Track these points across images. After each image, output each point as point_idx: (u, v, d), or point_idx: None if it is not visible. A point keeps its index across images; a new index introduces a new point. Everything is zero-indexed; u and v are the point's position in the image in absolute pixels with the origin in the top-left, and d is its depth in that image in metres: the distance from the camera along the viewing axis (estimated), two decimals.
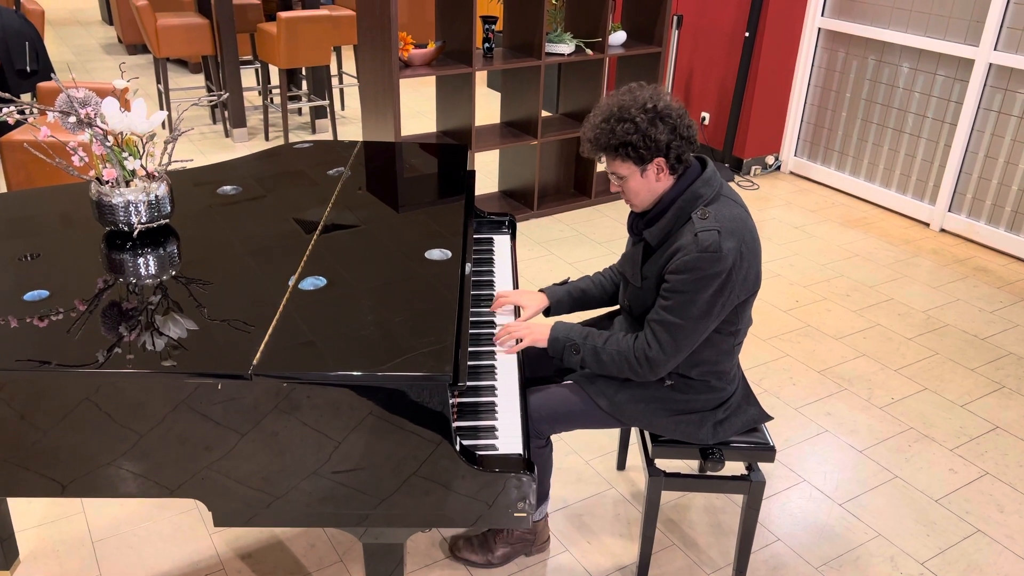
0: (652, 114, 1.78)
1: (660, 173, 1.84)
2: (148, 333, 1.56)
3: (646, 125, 1.77)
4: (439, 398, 1.49)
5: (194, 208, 2.13)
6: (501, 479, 1.56)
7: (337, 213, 2.13)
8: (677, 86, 5.69)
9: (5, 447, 1.52)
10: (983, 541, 2.45)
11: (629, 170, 1.84)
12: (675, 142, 1.80)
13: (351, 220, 2.10)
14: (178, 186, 2.26)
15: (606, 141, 1.81)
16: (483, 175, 5.20)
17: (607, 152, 1.83)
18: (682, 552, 2.37)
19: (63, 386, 1.47)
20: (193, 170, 2.39)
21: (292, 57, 5.33)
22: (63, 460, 1.54)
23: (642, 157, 1.80)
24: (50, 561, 2.26)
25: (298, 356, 1.52)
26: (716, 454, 2.02)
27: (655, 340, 1.86)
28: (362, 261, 1.89)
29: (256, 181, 2.34)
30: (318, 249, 1.92)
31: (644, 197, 1.88)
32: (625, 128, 1.78)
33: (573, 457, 2.73)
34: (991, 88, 4.28)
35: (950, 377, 3.25)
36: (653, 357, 1.87)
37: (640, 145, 1.78)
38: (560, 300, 2.19)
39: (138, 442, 1.52)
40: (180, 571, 2.25)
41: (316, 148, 2.65)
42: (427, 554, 2.32)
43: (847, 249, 4.36)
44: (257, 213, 2.12)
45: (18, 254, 1.85)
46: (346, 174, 2.40)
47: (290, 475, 1.55)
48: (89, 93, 1.81)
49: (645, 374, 1.91)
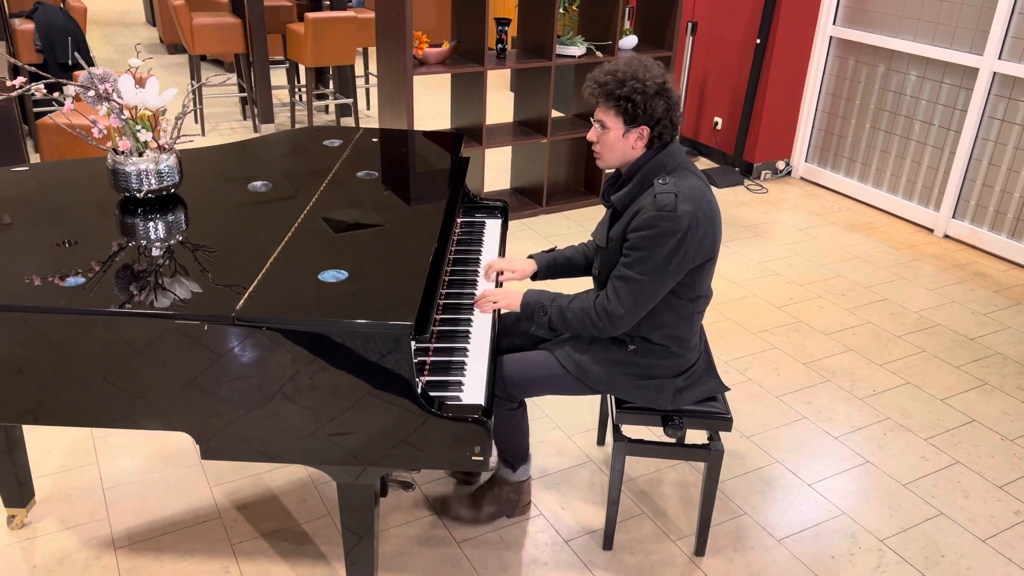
0: (660, 87, 1.97)
1: (639, 141, 2.01)
2: (153, 285, 1.74)
3: (652, 93, 1.95)
4: (403, 345, 1.65)
5: (206, 183, 2.32)
6: (458, 424, 1.71)
7: (333, 187, 2.31)
8: (691, 91, 5.81)
9: (33, 381, 1.72)
10: (944, 523, 2.54)
11: (616, 125, 2.01)
12: (665, 120, 1.98)
13: (345, 192, 2.27)
14: (196, 164, 2.46)
15: (612, 88, 1.98)
16: (496, 173, 5.37)
17: (608, 98, 1.99)
18: (651, 520, 2.50)
19: (82, 327, 1.66)
20: (209, 149, 2.58)
21: (318, 56, 5.55)
22: (77, 392, 1.73)
23: (634, 117, 1.97)
24: (63, 504, 2.46)
25: (277, 305, 1.69)
26: (676, 421, 2.15)
27: (615, 295, 2.01)
28: (349, 224, 2.05)
29: (265, 158, 2.52)
30: (311, 215, 2.10)
31: (615, 156, 2.05)
32: (633, 86, 1.95)
33: (556, 432, 2.87)
34: (995, 96, 4.35)
35: (934, 373, 3.33)
36: (612, 311, 2.01)
37: (640, 106, 1.95)
38: (546, 265, 2.38)
39: (138, 377, 1.70)
40: (180, 518, 2.43)
41: (322, 132, 2.83)
42: (410, 512, 2.47)
43: (848, 252, 4.45)
44: (261, 186, 2.31)
45: (49, 217, 2.05)
46: (345, 153, 2.58)
47: (269, 414, 1.72)
48: (108, 71, 2.00)
49: (605, 328, 2.05)
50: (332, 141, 2.74)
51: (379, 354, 1.66)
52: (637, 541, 2.41)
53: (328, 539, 2.36)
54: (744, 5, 5.28)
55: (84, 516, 2.42)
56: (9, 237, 1.93)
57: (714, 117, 5.68)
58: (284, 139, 2.76)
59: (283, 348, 1.66)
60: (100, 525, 2.39)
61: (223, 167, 2.45)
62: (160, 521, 2.41)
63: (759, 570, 2.33)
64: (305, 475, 2.61)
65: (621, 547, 2.39)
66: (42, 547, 2.30)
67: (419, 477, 2.62)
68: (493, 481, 2.42)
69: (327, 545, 2.34)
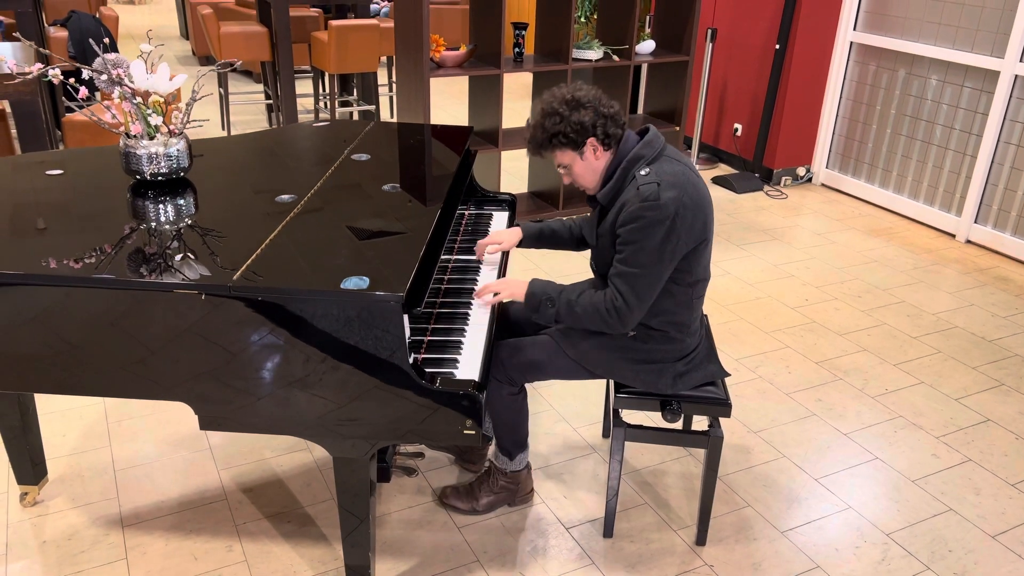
0: (572, 103, 2.02)
1: (596, 152, 2.06)
2: (160, 259, 1.80)
3: (568, 113, 2.01)
4: (395, 316, 1.68)
5: (223, 168, 2.39)
6: (449, 396, 1.74)
7: (340, 172, 2.35)
8: (711, 97, 5.82)
9: (41, 353, 1.77)
10: (953, 519, 2.50)
11: (570, 158, 2.07)
12: (599, 120, 2.02)
13: (354, 176, 2.31)
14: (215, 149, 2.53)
15: (541, 137, 2.06)
16: (514, 178, 5.41)
17: (545, 147, 2.07)
18: (652, 510, 2.49)
19: (90, 297, 1.71)
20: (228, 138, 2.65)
21: (342, 63, 5.65)
22: (81, 361, 1.78)
23: (575, 142, 2.03)
24: (75, 484, 2.52)
25: (273, 276, 1.73)
26: (674, 405, 2.15)
27: (618, 292, 2.02)
28: (352, 207, 2.10)
29: (277, 147, 2.58)
30: (315, 197, 2.14)
31: (591, 177, 2.11)
32: (553, 122, 2.02)
33: (562, 425, 2.88)
34: (1017, 99, 4.30)
35: (949, 374, 3.29)
36: (620, 308, 2.02)
37: (569, 131, 2.01)
38: (532, 234, 2.42)
39: (137, 347, 1.75)
40: (188, 499, 2.47)
41: (333, 125, 2.89)
42: (412, 497, 2.49)
43: (867, 256, 4.41)
44: (274, 170, 2.36)
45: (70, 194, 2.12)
46: (355, 143, 2.62)
47: (265, 383, 1.75)
48: (121, 57, 2.07)
49: (616, 325, 2.06)
50: (343, 131, 2.79)
51: (372, 326, 1.69)
52: (638, 530, 2.41)
53: (330, 522, 2.39)
54: (763, 11, 5.28)
55: (95, 495, 2.47)
56: (28, 216, 2.00)
57: (734, 123, 5.67)
58: (296, 130, 2.83)
59: (278, 319, 1.69)
60: (110, 504, 2.44)
61: (232, 155, 2.51)
62: (168, 502, 2.46)
63: (760, 560, 2.31)
64: (311, 460, 2.64)
65: (622, 535, 2.38)
66: (52, 524, 2.35)
67: (422, 464, 2.64)
68: (488, 472, 2.43)
69: (329, 527, 2.37)
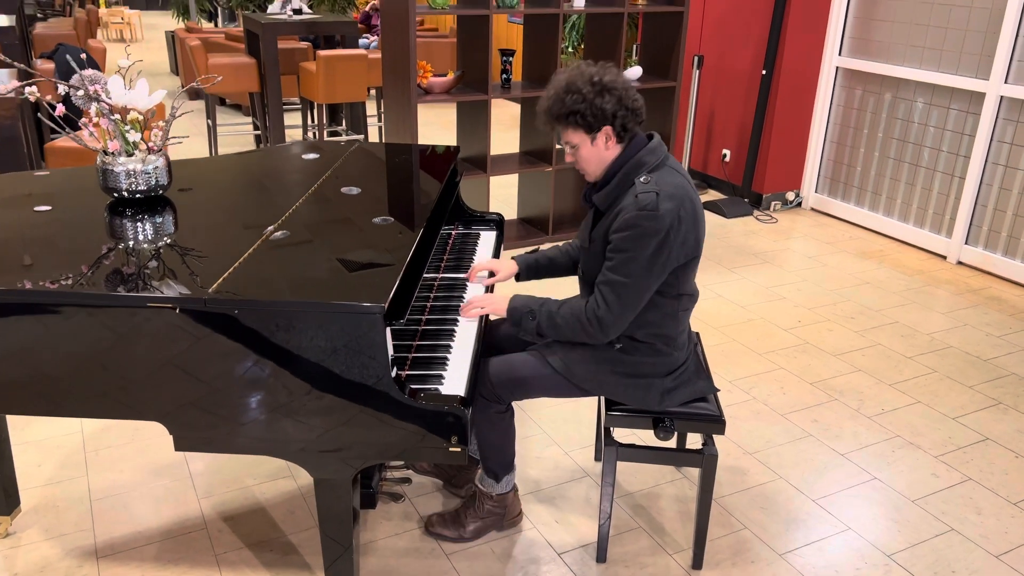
0: (599, 86, 1.94)
1: (608, 141, 1.99)
2: (136, 277, 1.74)
3: (593, 96, 1.93)
4: (377, 328, 1.62)
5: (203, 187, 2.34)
6: (434, 412, 1.67)
7: (322, 190, 2.31)
8: (699, 124, 5.83)
9: (18, 374, 1.71)
10: (956, 539, 2.43)
11: (580, 139, 1.99)
12: (620, 112, 1.95)
13: (335, 194, 2.27)
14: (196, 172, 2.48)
15: (557, 110, 1.97)
16: (503, 203, 5.39)
17: (559, 121, 1.99)
18: (647, 534, 2.41)
19: (69, 318, 1.65)
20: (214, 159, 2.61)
21: (330, 93, 5.65)
22: (56, 380, 1.72)
23: (590, 125, 1.96)
24: (49, 514, 2.43)
25: (250, 288, 1.67)
26: (667, 423, 2.09)
27: (603, 300, 1.97)
28: (331, 225, 2.05)
29: (259, 167, 2.55)
30: (296, 213, 2.10)
31: (595, 165, 2.03)
32: (573, 99, 1.94)
33: (553, 448, 2.81)
34: (1003, 120, 4.31)
35: (945, 393, 3.24)
36: (602, 317, 1.97)
37: (588, 113, 1.94)
38: (529, 266, 2.35)
39: (112, 365, 1.69)
40: (166, 528, 2.39)
41: (314, 146, 2.86)
42: (399, 523, 2.41)
43: (858, 278, 4.38)
44: (254, 192, 2.32)
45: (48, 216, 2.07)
46: (338, 162, 2.59)
47: (241, 402, 1.69)
48: (98, 73, 2.04)
49: (596, 334, 2.00)
50: (320, 152, 2.76)
51: (354, 338, 1.63)
52: (632, 554, 2.33)
53: (313, 550, 2.31)
54: (749, 37, 5.32)
55: (69, 526, 2.38)
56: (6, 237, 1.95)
57: (722, 149, 5.68)
58: (284, 150, 2.79)
59: (257, 331, 1.64)
60: (85, 535, 2.35)
61: (215, 174, 2.47)
62: (145, 532, 2.37)
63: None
64: (295, 487, 2.56)
65: (615, 560, 2.31)
66: (24, 555, 2.26)
67: (409, 489, 2.57)
68: (473, 497, 2.36)
69: (312, 556, 2.28)
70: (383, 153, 2.79)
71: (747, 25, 5.32)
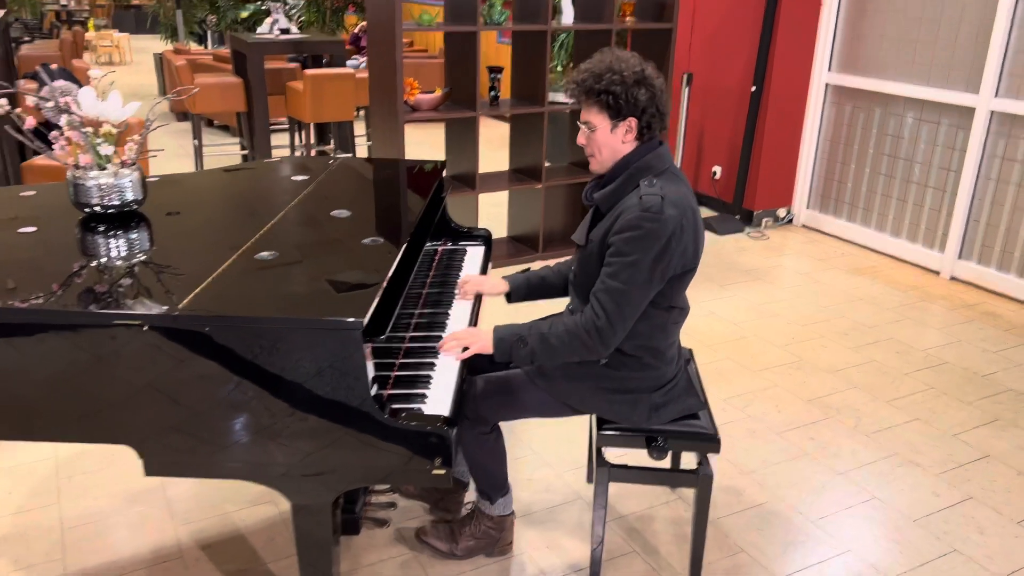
0: (639, 76, 1.89)
1: (628, 134, 1.92)
2: (106, 295, 1.67)
3: (632, 83, 1.88)
4: (356, 345, 1.55)
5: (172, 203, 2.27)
6: (416, 431, 1.60)
7: (303, 205, 2.24)
8: (689, 141, 5.80)
9: None
10: (959, 560, 2.36)
11: (602, 121, 1.92)
12: (651, 109, 1.90)
13: (317, 209, 2.21)
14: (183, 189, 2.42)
15: (591, 84, 1.90)
16: (493, 222, 5.33)
17: (589, 95, 1.91)
18: (641, 558, 2.33)
19: (40, 338, 1.58)
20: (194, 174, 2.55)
21: (317, 112, 5.61)
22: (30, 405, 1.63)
23: (619, 110, 1.89)
24: (18, 544, 2.33)
25: (222, 304, 1.60)
26: (659, 442, 2.02)
27: (601, 309, 1.88)
28: (311, 241, 1.98)
29: (241, 182, 2.48)
30: (274, 230, 2.03)
31: (607, 154, 1.95)
32: (612, 79, 1.88)
33: (545, 469, 2.73)
34: (994, 135, 4.29)
35: (943, 409, 3.17)
36: (601, 327, 1.88)
37: (621, 97, 1.87)
38: (520, 286, 2.26)
39: (87, 387, 1.61)
40: (140, 557, 2.29)
41: (298, 161, 2.80)
42: (384, 550, 2.32)
43: (851, 294, 4.33)
44: (232, 207, 2.25)
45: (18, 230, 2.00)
46: (321, 177, 2.52)
47: (221, 425, 1.61)
48: (69, 84, 1.98)
49: (596, 347, 1.91)
50: (306, 168, 2.70)
51: (333, 355, 1.56)
52: None
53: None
54: (738, 55, 5.31)
55: (39, 556, 2.28)
56: None
57: (713, 166, 5.65)
58: (267, 166, 2.73)
59: (232, 349, 1.56)
60: (54, 566, 2.25)
61: (190, 188, 2.41)
62: (118, 562, 2.27)
63: None
64: (275, 513, 2.47)
65: None
66: None
67: (395, 514, 2.48)
68: (472, 514, 2.28)
69: None
70: (367, 169, 2.73)
71: (736, 42, 5.31)
